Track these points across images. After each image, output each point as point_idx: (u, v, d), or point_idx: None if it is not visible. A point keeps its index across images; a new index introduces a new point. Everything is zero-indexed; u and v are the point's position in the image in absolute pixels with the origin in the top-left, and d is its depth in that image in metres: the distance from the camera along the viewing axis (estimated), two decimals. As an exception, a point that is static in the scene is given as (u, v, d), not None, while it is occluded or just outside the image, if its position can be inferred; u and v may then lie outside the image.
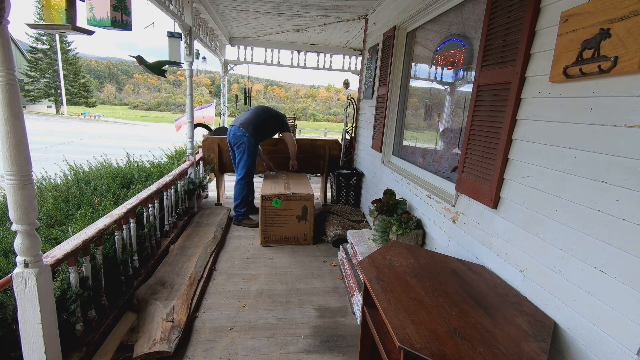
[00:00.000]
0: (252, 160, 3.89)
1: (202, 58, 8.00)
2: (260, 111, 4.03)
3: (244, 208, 4.04)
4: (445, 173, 2.48)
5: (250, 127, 3.79)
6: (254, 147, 3.86)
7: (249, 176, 3.94)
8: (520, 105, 1.55)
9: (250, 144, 3.80)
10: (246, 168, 3.88)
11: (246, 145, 3.80)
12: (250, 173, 3.94)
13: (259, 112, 4.00)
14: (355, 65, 7.26)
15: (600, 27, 1.12)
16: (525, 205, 1.50)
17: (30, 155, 1.35)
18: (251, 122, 3.84)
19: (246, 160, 3.86)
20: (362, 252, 2.64)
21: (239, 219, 4.04)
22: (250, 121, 3.84)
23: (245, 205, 4.04)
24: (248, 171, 3.90)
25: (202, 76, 63.17)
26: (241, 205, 4.00)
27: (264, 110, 4.08)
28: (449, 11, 2.51)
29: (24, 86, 28.82)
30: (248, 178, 3.95)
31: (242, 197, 3.95)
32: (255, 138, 3.83)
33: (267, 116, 3.99)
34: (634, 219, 1.03)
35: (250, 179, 3.99)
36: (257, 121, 3.86)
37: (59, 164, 3.83)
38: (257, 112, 3.98)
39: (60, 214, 2.66)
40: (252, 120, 3.85)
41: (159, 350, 1.87)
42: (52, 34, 19.76)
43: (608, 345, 1.09)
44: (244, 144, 3.80)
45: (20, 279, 1.40)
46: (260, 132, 3.88)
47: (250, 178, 3.98)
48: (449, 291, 1.46)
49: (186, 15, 3.70)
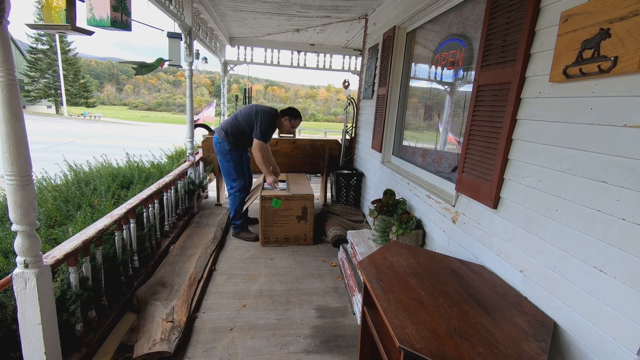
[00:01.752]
0: (229, 167, 3.52)
1: (202, 58, 8.00)
2: (240, 112, 3.57)
3: (240, 220, 3.70)
4: (445, 173, 2.48)
5: (223, 132, 3.47)
6: (229, 152, 3.47)
7: (236, 184, 3.57)
8: (520, 105, 1.55)
9: (224, 150, 3.47)
10: (228, 176, 3.58)
11: (220, 151, 3.51)
12: (236, 180, 3.56)
13: (238, 112, 3.57)
14: (355, 66, 7.26)
15: (600, 27, 1.12)
16: (526, 205, 1.50)
17: (30, 156, 1.35)
18: (226, 125, 3.50)
19: (224, 168, 3.57)
20: (362, 252, 2.64)
21: (237, 232, 3.73)
22: (225, 124, 3.51)
23: (241, 217, 3.70)
24: (232, 179, 3.56)
25: (202, 76, 63.19)
26: (235, 217, 3.68)
27: (243, 110, 3.56)
28: (449, 11, 2.50)
29: (24, 86, 28.82)
30: (237, 186, 3.58)
31: (234, 209, 3.64)
32: (229, 143, 3.45)
33: (243, 117, 3.47)
34: (634, 219, 1.03)
35: (240, 187, 3.59)
36: (232, 124, 3.48)
37: (59, 164, 3.83)
38: (236, 114, 3.57)
39: (60, 214, 2.66)
40: (227, 123, 3.51)
41: (159, 350, 1.87)
42: (52, 35, 19.77)
43: (608, 345, 1.09)
44: (219, 151, 3.52)
45: (20, 280, 1.40)
46: (235, 135, 3.46)
47: (239, 186, 3.58)
48: (449, 291, 1.46)
49: (186, 15, 3.70)
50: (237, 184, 3.58)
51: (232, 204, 3.64)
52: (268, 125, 3.42)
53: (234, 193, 3.60)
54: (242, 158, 3.61)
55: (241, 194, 3.62)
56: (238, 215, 3.66)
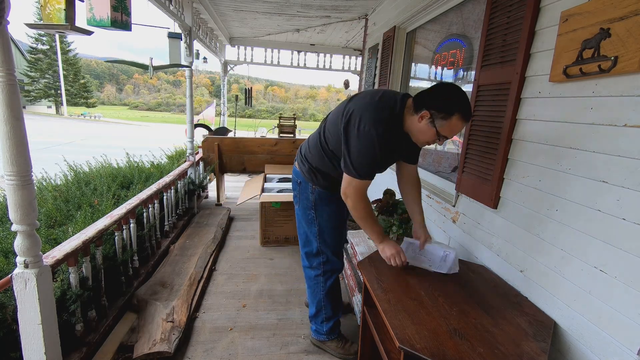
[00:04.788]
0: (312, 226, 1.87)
1: (202, 58, 8.01)
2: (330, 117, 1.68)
3: (330, 321, 1.97)
4: (445, 173, 2.48)
5: (306, 164, 1.80)
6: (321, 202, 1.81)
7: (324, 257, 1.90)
8: (520, 105, 1.55)
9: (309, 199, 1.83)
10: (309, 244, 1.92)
11: (301, 197, 1.86)
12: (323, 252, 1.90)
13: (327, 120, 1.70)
14: (355, 66, 7.27)
15: (600, 27, 1.12)
16: (526, 205, 1.50)
17: (30, 156, 1.35)
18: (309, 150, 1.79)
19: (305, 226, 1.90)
20: (362, 252, 2.64)
21: (322, 339, 2.02)
22: (308, 149, 1.80)
23: (333, 317, 1.98)
24: (317, 247, 1.89)
25: (202, 76, 63.20)
26: (320, 314, 1.98)
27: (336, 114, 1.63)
28: (449, 11, 2.50)
29: (24, 86, 28.82)
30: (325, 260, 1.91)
31: (317, 301, 1.97)
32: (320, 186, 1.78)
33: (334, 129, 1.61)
34: (634, 219, 1.03)
35: (333, 262, 1.92)
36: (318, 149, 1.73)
37: (59, 164, 3.83)
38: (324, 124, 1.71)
39: (60, 214, 2.66)
40: (311, 146, 1.79)
41: (159, 350, 1.87)
42: (51, 35, 19.79)
43: (608, 345, 1.09)
44: (300, 198, 1.88)
45: (20, 280, 1.40)
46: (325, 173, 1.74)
47: (332, 261, 1.92)
48: (449, 291, 1.46)
49: (186, 15, 3.70)
50: (325, 257, 1.91)
51: (313, 290, 1.97)
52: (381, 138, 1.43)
53: (320, 273, 1.93)
54: (342, 210, 1.83)
55: (334, 274, 1.94)
56: (324, 310, 1.96)
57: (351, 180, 1.51)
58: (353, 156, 1.46)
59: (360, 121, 1.43)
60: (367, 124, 1.42)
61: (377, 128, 1.41)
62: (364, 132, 1.42)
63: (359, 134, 1.43)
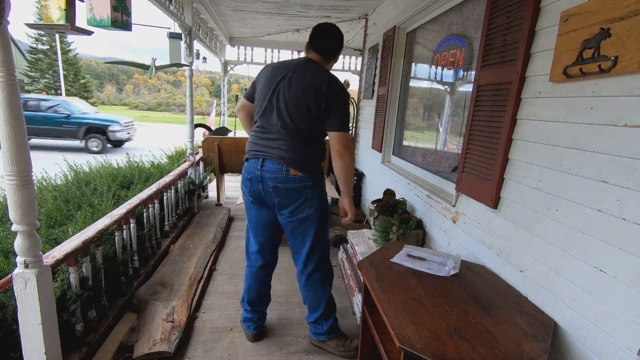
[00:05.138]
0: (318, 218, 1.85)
1: (202, 58, 8.01)
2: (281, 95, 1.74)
3: (329, 320, 2.01)
4: (445, 173, 2.48)
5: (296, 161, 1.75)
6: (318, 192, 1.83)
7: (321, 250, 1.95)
8: (520, 105, 1.55)
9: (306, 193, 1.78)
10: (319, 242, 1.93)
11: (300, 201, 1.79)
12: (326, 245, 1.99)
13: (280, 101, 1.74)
14: (355, 65, 7.26)
15: (600, 27, 1.12)
16: (526, 205, 1.50)
17: (30, 156, 1.35)
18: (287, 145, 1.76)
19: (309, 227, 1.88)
20: (362, 252, 2.64)
21: (322, 339, 2.03)
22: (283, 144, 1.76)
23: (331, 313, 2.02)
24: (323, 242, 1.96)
25: (202, 76, 63.17)
26: (323, 315, 1.98)
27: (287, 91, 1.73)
28: (449, 11, 2.50)
29: (24, 87, 28.82)
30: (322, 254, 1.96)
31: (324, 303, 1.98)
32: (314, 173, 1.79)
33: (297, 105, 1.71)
34: (635, 218, 1.03)
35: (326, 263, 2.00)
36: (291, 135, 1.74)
37: (59, 164, 3.83)
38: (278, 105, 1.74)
39: (61, 214, 2.67)
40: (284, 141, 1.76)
41: (159, 350, 1.87)
42: (52, 35, 19.82)
43: (608, 345, 1.09)
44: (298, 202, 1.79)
45: (20, 280, 1.40)
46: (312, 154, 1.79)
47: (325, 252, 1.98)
48: (449, 291, 1.45)
49: (186, 15, 3.70)
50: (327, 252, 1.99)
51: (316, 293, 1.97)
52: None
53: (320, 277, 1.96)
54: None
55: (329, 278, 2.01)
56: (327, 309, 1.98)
57: (345, 135, 1.72)
58: (344, 115, 1.72)
59: (337, 84, 1.72)
60: (340, 86, 1.72)
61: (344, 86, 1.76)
62: (344, 93, 1.73)
63: (342, 94, 1.72)
